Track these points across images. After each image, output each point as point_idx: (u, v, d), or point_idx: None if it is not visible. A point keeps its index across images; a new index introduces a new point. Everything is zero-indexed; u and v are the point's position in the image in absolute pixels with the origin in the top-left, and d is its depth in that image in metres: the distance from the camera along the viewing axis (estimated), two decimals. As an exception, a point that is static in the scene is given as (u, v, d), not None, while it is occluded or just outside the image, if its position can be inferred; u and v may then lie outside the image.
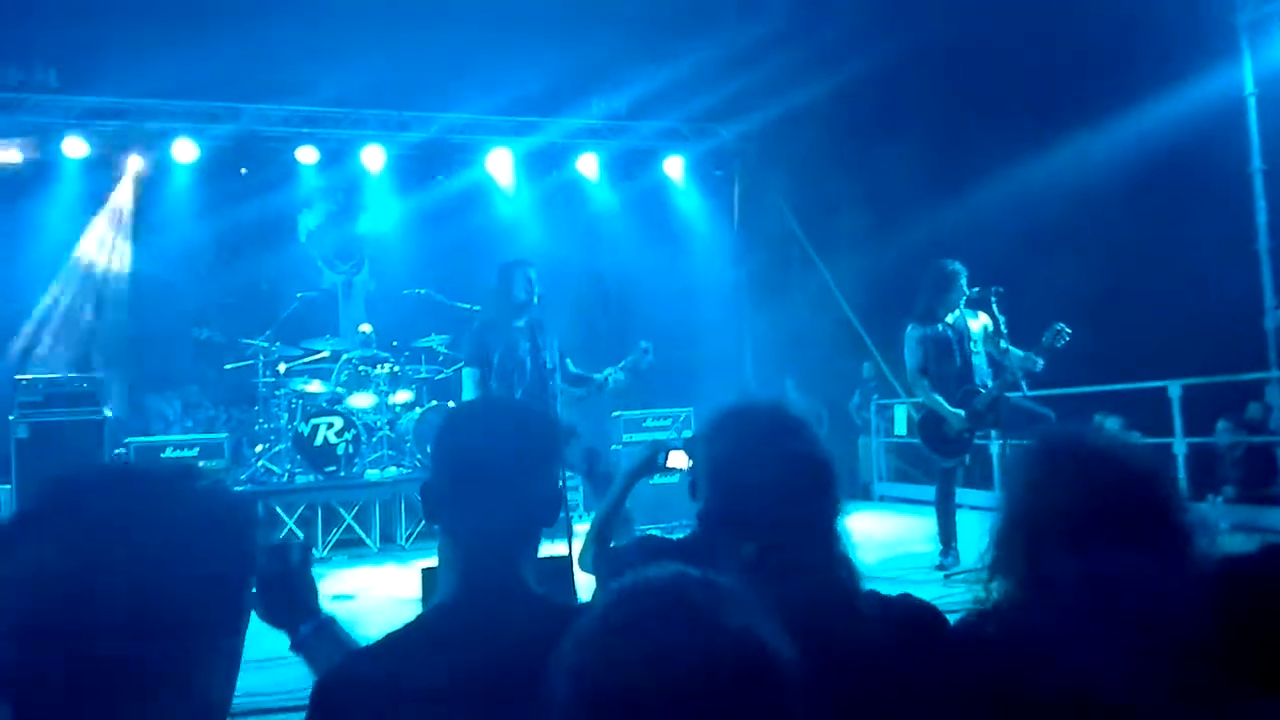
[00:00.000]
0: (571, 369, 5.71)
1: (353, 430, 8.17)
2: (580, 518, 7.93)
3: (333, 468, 8.07)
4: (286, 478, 8.08)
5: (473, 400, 5.55)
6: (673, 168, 11.51)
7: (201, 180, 10.10)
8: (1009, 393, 5.70)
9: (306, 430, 8.08)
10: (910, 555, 6.23)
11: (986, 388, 5.78)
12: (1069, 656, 1.35)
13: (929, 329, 5.86)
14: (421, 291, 8.83)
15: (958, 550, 5.72)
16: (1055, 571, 1.41)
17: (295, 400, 8.33)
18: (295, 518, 7.77)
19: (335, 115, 10.12)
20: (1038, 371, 5.58)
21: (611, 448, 8.47)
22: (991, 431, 6.27)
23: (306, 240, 11.10)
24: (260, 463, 8.37)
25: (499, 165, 10.84)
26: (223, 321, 9.47)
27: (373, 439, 8.36)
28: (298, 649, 1.68)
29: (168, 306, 9.75)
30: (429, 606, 1.53)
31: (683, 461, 2.55)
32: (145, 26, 8.50)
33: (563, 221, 10.92)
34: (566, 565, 4.11)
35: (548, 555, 4.99)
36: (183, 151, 9.71)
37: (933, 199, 9.36)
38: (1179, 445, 7.17)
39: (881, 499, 10.01)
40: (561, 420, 5.41)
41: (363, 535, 7.96)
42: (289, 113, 10.00)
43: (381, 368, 8.62)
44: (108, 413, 7.64)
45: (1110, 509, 1.39)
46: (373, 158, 10.38)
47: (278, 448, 8.30)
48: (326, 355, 9.01)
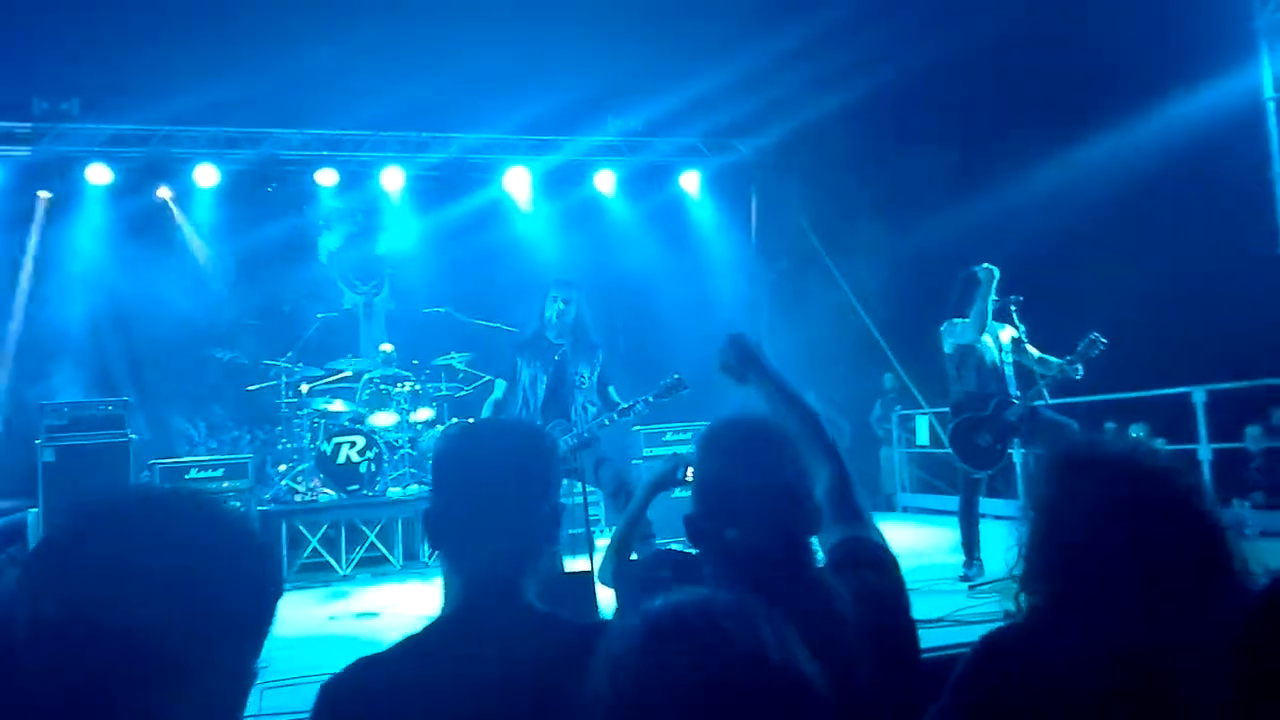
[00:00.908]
0: (612, 395, 5.73)
1: (375, 449, 8.21)
2: (601, 532, 7.94)
3: (355, 486, 8.11)
4: (310, 496, 8.14)
5: (466, 425, 5.67)
6: (689, 183, 11.55)
7: (223, 204, 10.23)
8: (1037, 402, 5.67)
9: (329, 449, 8.14)
10: (934, 566, 6.18)
11: (1019, 398, 5.75)
12: (1105, 669, 1.34)
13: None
14: (441, 310, 8.89)
15: (982, 561, 5.67)
16: (1084, 585, 1.40)
17: (318, 420, 8.41)
18: (319, 536, 7.81)
19: (356, 138, 10.23)
20: (1077, 379, 5.54)
21: (632, 462, 8.48)
22: (1015, 441, 6.23)
23: (327, 261, 11.19)
24: (284, 482, 8.43)
25: (517, 184, 10.91)
26: (245, 343, 9.57)
27: (394, 457, 8.40)
28: None
29: (191, 329, 9.85)
30: (430, 621, 1.55)
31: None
32: (166, 55, 8.63)
33: (580, 238, 10.96)
34: (588, 580, 4.12)
35: (570, 570, 5.00)
36: (204, 177, 9.85)
37: (952, 208, 9.34)
38: (1204, 451, 7.11)
39: (905, 510, 9.96)
40: (587, 439, 5.44)
41: (385, 553, 7.98)
42: (310, 137, 10.11)
43: (402, 386, 8.69)
44: (133, 435, 7.70)
45: (1138, 520, 1.38)
46: (392, 179, 10.49)
47: (301, 467, 8.36)
48: (348, 375, 9.08)
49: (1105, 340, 5.42)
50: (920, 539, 7.69)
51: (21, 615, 0.91)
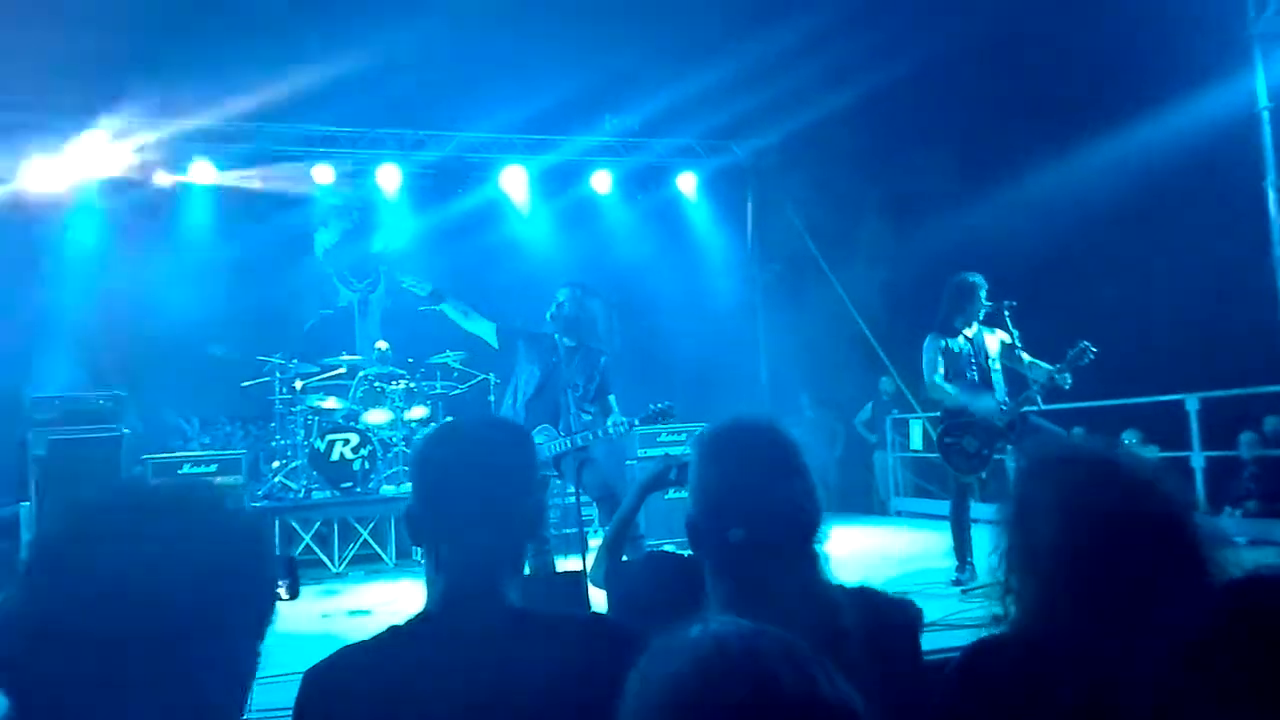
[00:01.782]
0: (610, 403, 5.66)
1: (369, 446, 8.21)
2: (594, 533, 7.94)
3: (349, 483, 8.11)
4: (303, 493, 8.13)
5: (443, 424, 5.73)
6: (686, 184, 11.56)
7: (218, 199, 10.20)
8: (1027, 408, 5.68)
9: (323, 446, 8.14)
10: (927, 570, 6.20)
11: (1007, 404, 5.76)
12: (1082, 675, 1.34)
13: (948, 341, 5.86)
14: (437, 308, 8.87)
15: (974, 565, 5.68)
16: (1065, 589, 1.40)
17: (311, 416, 8.40)
18: (312, 533, 7.80)
19: (352, 135, 10.22)
20: (1066, 389, 5.55)
21: (626, 462, 8.48)
22: (1008, 448, 6.24)
23: (323, 258, 11.18)
24: (277, 478, 8.42)
25: (513, 183, 10.91)
26: (239, 338, 9.54)
27: (388, 455, 8.40)
28: None
29: (185, 324, 9.82)
30: (407, 619, 1.56)
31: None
32: (164, 48, 8.60)
33: (577, 238, 10.96)
34: (580, 580, 4.12)
35: (562, 571, 5.00)
36: (200, 172, 9.84)
37: (949, 213, 9.35)
38: (1197, 459, 7.12)
39: (898, 514, 9.97)
40: (578, 447, 5.40)
41: (379, 550, 7.98)
42: (306, 132, 10.10)
43: (397, 384, 8.69)
44: (125, 430, 7.68)
45: (1109, 524, 1.38)
46: (388, 176, 10.47)
47: (294, 464, 8.35)
48: (343, 372, 9.08)
49: (1095, 349, 5.43)
50: (913, 543, 7.70)
51: (27, 614, 0.92)
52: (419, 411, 8.79)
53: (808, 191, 11.06)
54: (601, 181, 11.17)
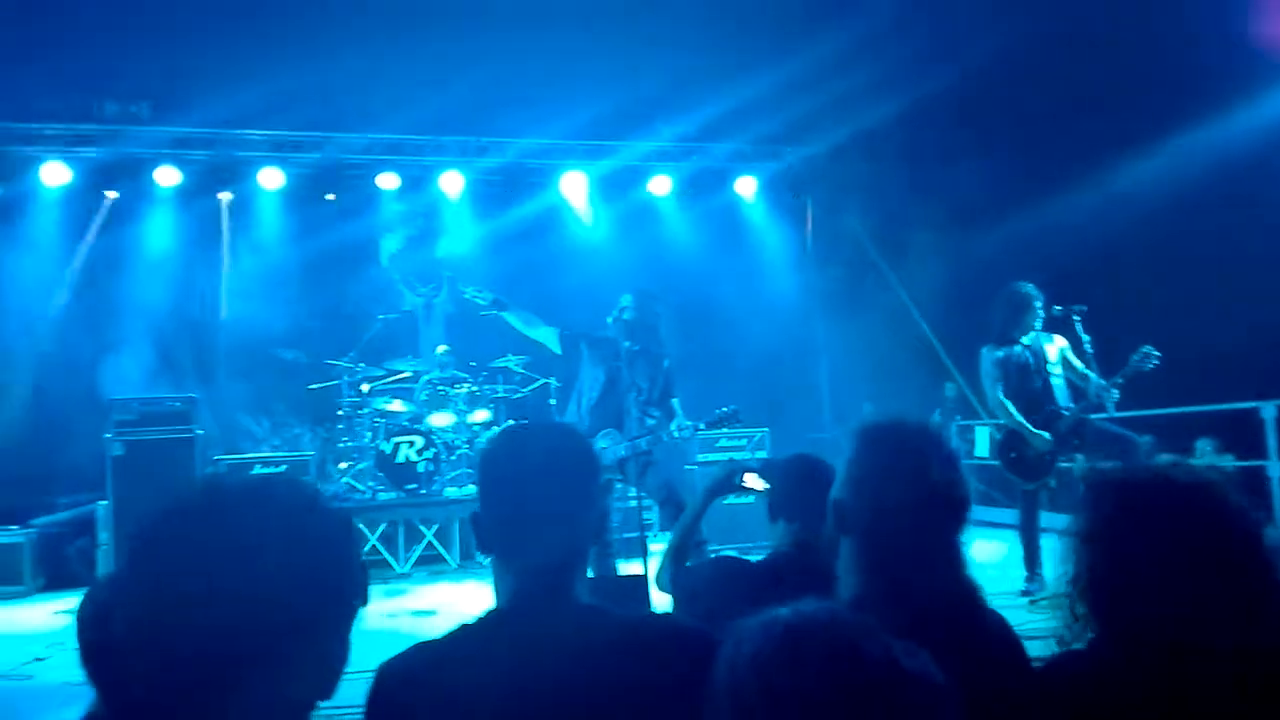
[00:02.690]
0: (674, 407, 5.70)
1: (433, 449, 8.34)
2: (654, 537, 7.95)
3: (414, 485, 8.24)
4: (370, 494, 8.28)
5: (509, 428, 5.79)
6: (745, 188, 11.53)
7: (288, 206, 10.45)
8: (1092, 414, 5.57)
9: (389, 448, 8.28)
10: (995, 580, 6.10)
11: (1069, 410, 5.65)
12: (1158, 700, 1.32)
13: (1006, 351, 5.77)
14: (498, 313, 8.97)
15: (1043, 575, 5.59)
16: (1135, 612, 1.39)
17: (378, 419, 8.56)
18: (378, 534, 7.94)
19: (417, 142, 10.39)
20: (1113, 402, 5.44)
21: (684, 467, 8.48)
22: (1076, 455, 6.12)
23: (388, 264, 11.37)
24: (344, 480, 8.59)
25: (573, 188, 11.00)
26: (308, 343, 9.76)
27: (452, 457, 8.52)
28: None
29: (256, 328, 10.07)
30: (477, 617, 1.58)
31: (758, 483, 2.57)
32: (232, 58, 8.83)
33: (636, 242, 11.00)
34: (641, 583, 4.14)
35: (624, 574, 5.03)
36: (269, 179, 10.09)
37: (1011, 215, 9.18)
38: (1274, 468, 6.90)
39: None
40: (641, 450, 5.42)
41: (443, 552, 8.09)
42: (372, 141, 10.29)
43: (460, 387, 8.81)
44: (199, 431, 7.88)
45: (1192, 549, 1.36)
46: (451, 183, 10.63)
47: (361, 465, 8.51)
48: (407, 375, 9.23)
49: (1159, 354, 5.29)
50: (980, 552, 7.58)
51: (122, 604, 0.95)
52: (481, 415, 8.90)
53: (866, 194, 10.96)
54: (660, 185, 11.21)
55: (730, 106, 10.00)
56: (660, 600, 2.98)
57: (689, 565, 2.60)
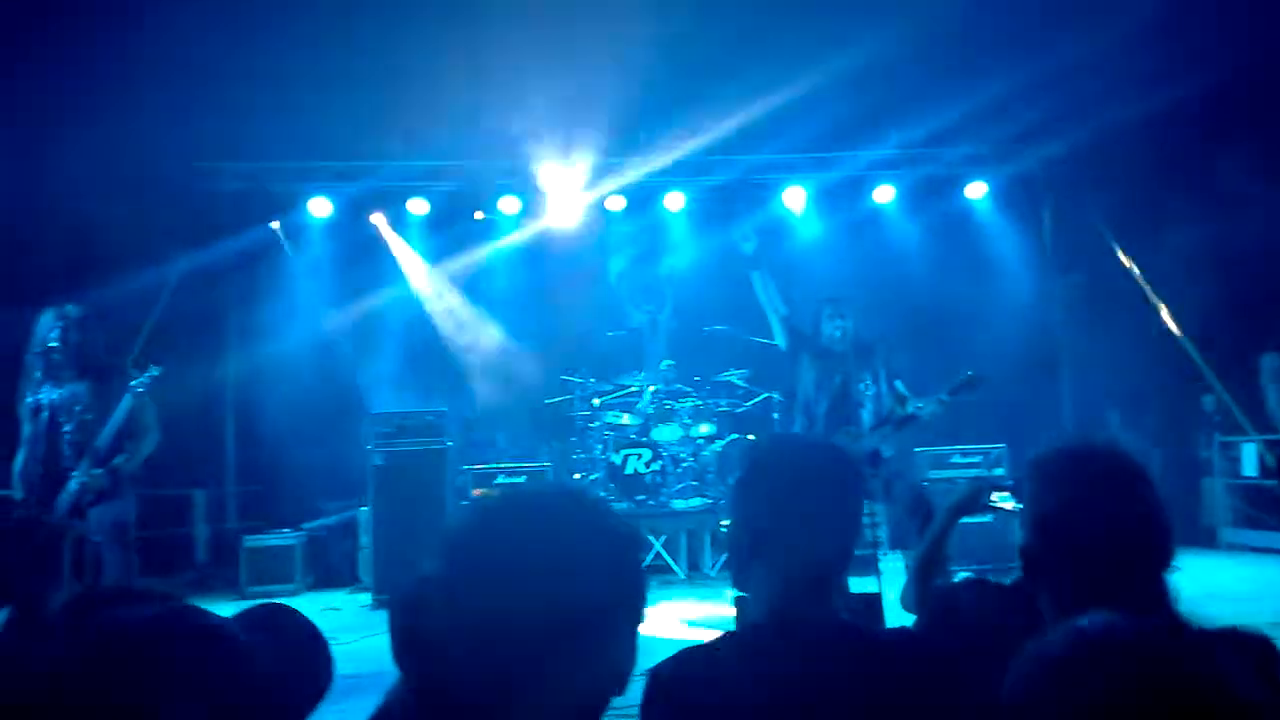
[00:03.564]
0: (900, 389, 5.79)
1: (660, 461, 8.56)
2: (883, 555, 7.76)
3: (642, 496, 8.49)
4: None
5: (774, 439, 5.87)
6: (975, 193, 11.09)
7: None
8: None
9: (618, 460, 8.58)
10: (1269, 612, 5.55)
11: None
12: None
13: None
14: (720, 328, 9.12)
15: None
16: None
17: (608, 432, 8.89)
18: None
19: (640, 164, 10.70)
20: None
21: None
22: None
23: (615, 282, 11.77)
24: (579, 490, 8.96)
25: (795, 201, 10.97)
26: (542, 358, 10.30)
27: (678, 469, 8.71)
28: None
29: (499, 344, 10.73)
30: (742, 627, 1.63)
31: (1008, 505, 2.49)
32: (469, 91, 9.35)
33: (860, 252, 10.82)
34: (875, 601, 4.10)
35: (857, 592, 4.97)
36: (508, 205, 10.74)
37: (1269, 218, 8.33)
38: None
39: (1229, 547, 8.97)
40: (879, 454, 5.42)
41: (671, 563, 8.27)
42: (598, 165, 10.70)
43: (684, 401, 9.00)
44: (449, 443, 8.43)
45: None
46: (674, 201, 10.89)
47: (593, 476, 8.86)
48: (635, 389, 9.53)
49: None
50: (1249, 580, 6.92)
51: (438, 599, 1.08)
52: (705, 428, 9.05)
53: (1110, 197, 10.26)
54: (884, 194, 10.99)
55: (961, 108, 9.64)
56: (899, 619, 2.94)
57: (938, 585, 2.55)
